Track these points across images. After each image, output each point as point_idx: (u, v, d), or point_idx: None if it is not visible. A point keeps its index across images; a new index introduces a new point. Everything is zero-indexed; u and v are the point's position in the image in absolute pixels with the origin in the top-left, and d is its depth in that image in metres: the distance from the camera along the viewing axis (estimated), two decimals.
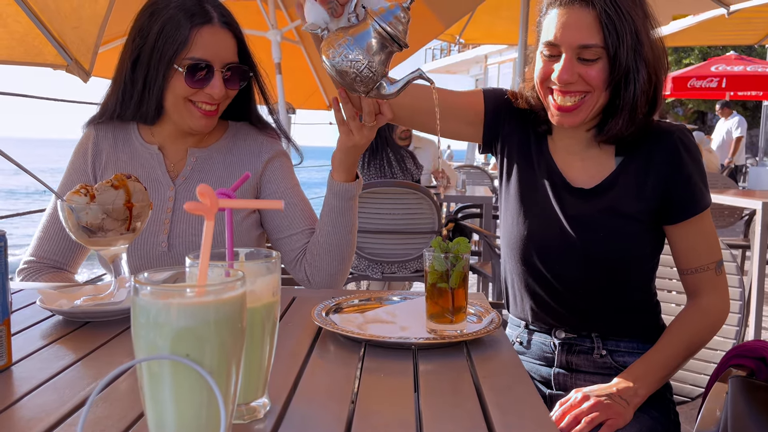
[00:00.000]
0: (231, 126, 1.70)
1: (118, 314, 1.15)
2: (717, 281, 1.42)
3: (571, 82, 1.32)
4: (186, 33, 1.46)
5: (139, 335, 0.61)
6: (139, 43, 1.50)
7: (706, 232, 1.42)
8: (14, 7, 2.27)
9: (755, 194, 4.54)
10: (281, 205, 0.66)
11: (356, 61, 1.02)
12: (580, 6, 1.29)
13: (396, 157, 3.90)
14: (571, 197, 1.45)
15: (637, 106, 1.33)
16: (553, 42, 1.33)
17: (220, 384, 0.61)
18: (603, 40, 1.28)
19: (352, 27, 1.04)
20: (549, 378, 1.52)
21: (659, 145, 1.40)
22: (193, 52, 1.47)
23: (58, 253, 1.58)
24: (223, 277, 0.70)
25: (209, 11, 1.50)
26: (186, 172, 1.61)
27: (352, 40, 1.02)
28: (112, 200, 1.13)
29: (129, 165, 1.61)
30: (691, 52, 19.11)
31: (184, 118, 1.53)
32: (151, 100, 1.52)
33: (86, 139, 1.65)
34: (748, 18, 6.63)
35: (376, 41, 1.02)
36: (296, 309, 1.29)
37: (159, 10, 1.49)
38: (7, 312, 0.93)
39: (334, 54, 1.03)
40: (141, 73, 1.50)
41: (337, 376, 0.93)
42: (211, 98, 1.51)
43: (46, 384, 0.87)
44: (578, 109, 1.35)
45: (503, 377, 0.94)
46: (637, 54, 1.30)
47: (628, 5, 1.29)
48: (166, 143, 1.63)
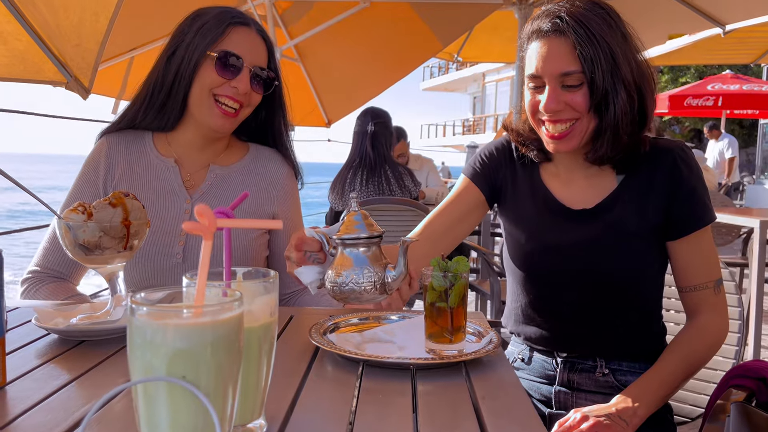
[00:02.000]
0: (252, 148, 1.75)
1: (114, 333, 1.14)
2: (716, 300, 1.42)
3: (558, 110, 1.35)
4: (223, 27, 1.55)
5: (135, 356, 0.60)
6: (177, 41, 1.58)
7: (707, 250, 1.42)
8: (15, 25, 2.28)
9: (753, 212, 4.55)
10: (280, 225, 0.66)
11: (357, 283, 1.12)
12: (555, 36, 1.33)
13: (394, 174, 3.91)
14: (572, 221, 1.47)
15: (620, 126, 1.35)
16: (535, 74, 1.37)
17: (217, 406, 0.60)
18: (581, 66, 1.31)
19: (335, 262, 1.15)
20: (549, 396, 1.52)
21: (660, 163, 1.41)
22: (227, 45, 1.55)
23: (61, 264, 1.58)
24: (220, 297, 0.69)
25: (247, 19, 1.61)
26: (205, 187, 1.64)
27: (340, 270, 1.13)
28: (109, 218, 1.13)
29: (144, 177, 1.62)
30: (687, 71, 19.25)
31: (205, 115, 1.57)
32: (178, 96, 1.57)
33: (98, 151, 1.66)
34: (743, 38, 6.68)
35: (357, 253, 1.13)
36: (294, 328, 1.28)
37: (202, 15, 1.59)
38: (2, 331, 0.92)
39: (338, 292, 1.14)
40: (174, 65, 1.56)
41: (335, 397, 0.92)
42: (236, 93, 1.55)
43: (40, 404, 0.86)
44: (570, 135, 1.38)
45: (502, 398, 0.94)
46: (615, 76, 1.32)
47: (602, 30, 1.32)
48: (183, 155, 1.66)
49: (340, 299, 1.15)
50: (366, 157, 3.86)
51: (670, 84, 19.00)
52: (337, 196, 3.89)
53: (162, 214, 1.59)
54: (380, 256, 1.14)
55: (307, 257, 1.18)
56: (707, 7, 5.27)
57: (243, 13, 1.62)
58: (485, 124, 34.37)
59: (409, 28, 5.10)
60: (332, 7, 4.84)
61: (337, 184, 3.91)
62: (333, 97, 5.89)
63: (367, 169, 3.83)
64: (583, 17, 1.32)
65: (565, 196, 1.50)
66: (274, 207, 1.71)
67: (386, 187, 3.82)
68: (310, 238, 1.17)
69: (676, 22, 5.64)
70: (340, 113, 6.07)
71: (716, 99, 10.82)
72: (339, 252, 1.14)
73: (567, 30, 1.32)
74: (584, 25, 1.31)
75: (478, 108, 37.49)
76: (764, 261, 3.80)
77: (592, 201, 1.46)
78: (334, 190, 3.91)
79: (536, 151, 1.53)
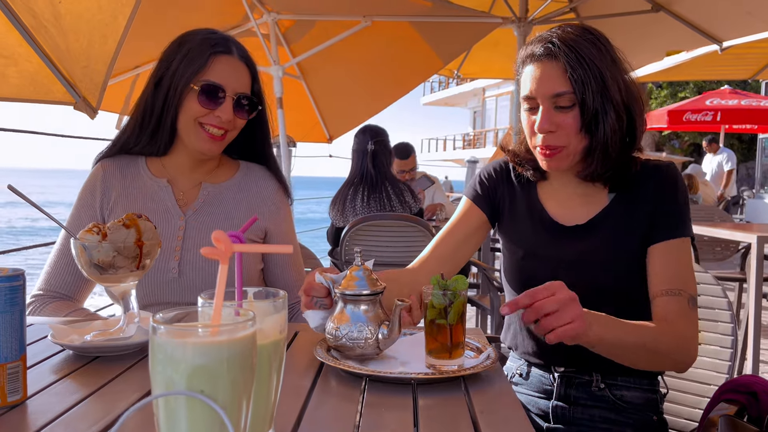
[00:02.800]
0: (242, 166, 1.81)
1: (127, 349, 1.19)
2: (689, 312, 1.39)
3: (550, 130, 1.42)
4: (205, 58, 1.60)
5: (156, 371, 0.65)
6: (163, 67, 1.63)
7: (684, 263, 1.44)
8: (26, 47, 2.34)
9: (753, 228, 4.59)
10: (291, 249, 0.71)
11: (350, 338, 1.15)
12: (548, 60, 1.41)
13: (395, 191, 3.97)
14: (565, 237, 1.52)
15: (609, 144, 1.42)
16: (529, 95, 1.45)
17: (232, 418, 0.65)
18: (572, 87, 1.38)
19: (334, 313, 1.19)
20: (547, 411, 1.55)
21: (649, 180, 1.49)
22: (209, 76, 1.59)
23: (65, 287, 1.63)
24: (233, 316, 0.74)
25: (230, 45, 1.64)
26: (197, 204, 1.70)
27: (337, 323, 1.17)
28: (123, 239, 1.18)
29: (139, 198, 1.68)
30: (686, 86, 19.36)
31: (192, 140, 1.63)
32: (167, 123, 1.63)
33: (94, 176, 1.72)
34: (740, 54, 6.75)
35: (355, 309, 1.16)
36: (299, 344, 1.33)
37: (187, 40, 1.64)
38: (24, 348, 0.97)
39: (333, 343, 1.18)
40: (161, 94, 1.62)
41: (339, 410, 0.97)
42: (219, 121, 1.61)
43: (60, 418, 0.90)
44: (561, 154, 1.45)
45: (500, 411, 0.98)
46: (604, 97, 1.39)
47: (591, 54, 1.39)
48: (176, 175, 1.73)
49: (334, 348, 1.19)
50: (367, 174, 3.92)
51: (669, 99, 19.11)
52: (338, 213, 3.95)
53: None
54: (379, 312, 1.17)
55: (314, 302, 1.23)
56: (704, 24, 5.35)
57: (226, 38, 1.67)
58: (485, 138, 34.51)
59: (409, 47, 5.17)
60: (334, 26, 4.91)
61: (338, 201, 3.96)
62: (334, 113, 5.95)
63: (368, 186, 3.89)
64: (574, 42, 1.40)
65: (560, 213, 1.56)
66: (266, 222, 1.77)
67: (387, 203, 3.88)
68: (318, 284, 1.22)
69: (673, 38, 5.71)
70: (341, 129, 6.13)
71: (715, 114, 10.90)
72: (338, 305, 1.18)
73: (558, 54, 1.39)
74: (574, 50, 1.39)
75: (478, 122, 37.66)
76: (762, 276, 3.83)
77: (585, 217, 1.52)
78: (335, 206, 3.97)
79: (532, 171, 1.59)
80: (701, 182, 8.89)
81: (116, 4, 2.29)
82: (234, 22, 4.85)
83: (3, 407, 0.93)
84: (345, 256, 3.58)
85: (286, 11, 4.87)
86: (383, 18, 4.83)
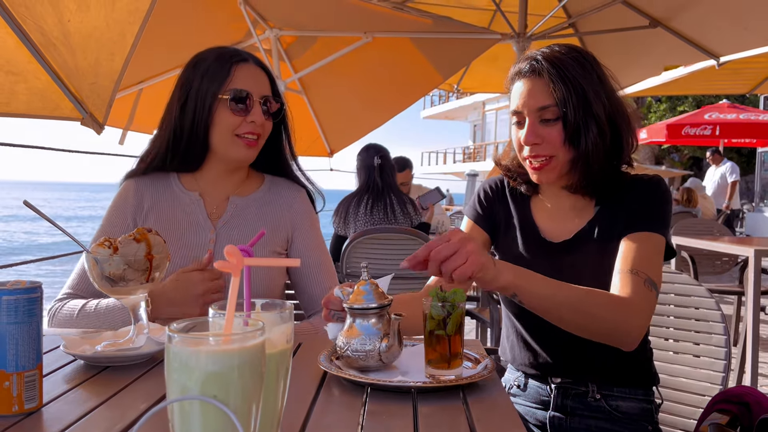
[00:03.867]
0: (267, 179, 1.86)
1: (138, 359, 1.23)
2: (642, 288, 1.39)
3: (536, 142, 1.48)
4: (228, 68, 1.66)
5: (171, 378, 0.69)
6: (185, 89, 1.68)
7: (650, 252, 1.45)
8: (35, 64, 2.40)
9: (752, 242, 4.63)
10: (298, 263, 0.76)
11: (354, 351, 1.19)
12: (533, 76, 1.48)
13: (399, 201, 4.09)
14: (554, 252, 1.57)
15: (590, 157, 1.47)
16: (516, 110, 1.52)
17: (243, 422, 0.69)
18: (554, 101, 1.45)
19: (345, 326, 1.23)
20: (544, 421, 1.59)
21: (633, 191, 1.54)
22: (234, 84, 1.65)
23: (91, 294, 1.64)
24: (243, 326, 0.78)
25: (245, 55, 1.72)
26: (226, 217, 1.74)
27: (346, 337, 1.21)
28: (134, 252, 1.22)
29: (170, 211, 1.73)
30: (685, 100, 19.45)
31: (230, 151, 1.68)
32: (199, 140, 1.67)
33: (125, 191, 1.76)
34: (738, 69, 6.80)
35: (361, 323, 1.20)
36: (303, 355, 1.37)
37: (201, 60, 1.69)
38: (40, 358, 1.01)
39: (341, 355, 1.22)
40: (190, 113, 1.66)
41: (342, 418, 1.01)
42: (254, 126, 1.66)
43: (75, 424, 0.94)
44: (549, 167, 1.51)
45: (496, 419, 1.02)
46: (586, 112, 1.45)
47: (574, 71, 1.46)
48: (207, 189, 1.77)
49: (344, 361, 1.23)
50: (374, 185, 4.07)
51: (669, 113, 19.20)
52: (341, 220, 4.04)
53: (189, 245, 1.69)
54: (384, 326, 1.21)
55: (331, 315, 1.29)
56: (701, 40, 5.41)
57: (240, 50, 1.74)
58: (485, 151, 34.59)
59: (409, 62, 5.23)
60: (335, 42, 4.97)
61: (341, 209, 4.07)
62: (335, 128, 6.01)
63: (373, 195, 4.02)
64: (557, 60, 1.47)
65: (550, 227, 1.61)
66: (288, 233, 1.80)
67: (390, 213, 3.99)
68: (336, 298, 1.27)
69: (671, 54, 5.77)
70: (342, 143, 6.19)
71: (714, 128, 10.96)
72: (348, 319, 1.23)
73: (542, 70, 1.47)
74: (557, 66, 1.46)
75: (478, 136, 37.76)
76: (759, 289, 3.87)
77: (573, 231, 1.57)
78: (338, 214, 4.07)
79: (525, 185, 1.65)
80: (700, 196, 8.93)
81: (124, 22, 2.34)
82: (237, 38, 4.92)
83: (20, 414, 0.97)
84: (346, 269, 3.62)
85: (288, 27, 4.94)
86: (384, 34, 4.90)
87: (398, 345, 1.20)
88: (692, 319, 1.76)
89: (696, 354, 1.74)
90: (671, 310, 1.81)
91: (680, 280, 1.80)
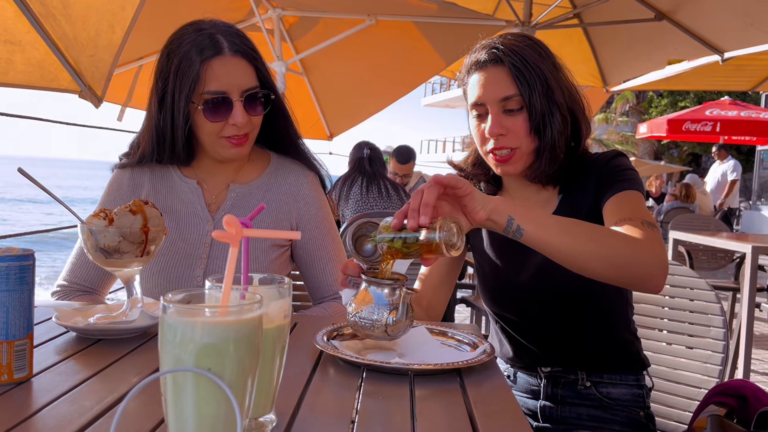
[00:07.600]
0: (273, 160, 1.74)
1: (130, 333, 1.21)
2: (644, 228, 1.30)
3: (501, 134, 1.43)
4: (197, 68, 1.48)
5: (165, 350, 0.67)
6: (161, 86, 1.54)
7: (637, 204, 1.40)
8: (33, 34, 2.36)
9: (748, 238, 4.62)
10: (299, 236, 0.73)
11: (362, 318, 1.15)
12: (493, 65, 1.44)
13: (392, 185, 4.22)
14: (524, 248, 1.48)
15: (556, 145, 1.44)
16: (477, 102, 1.46)
17: (238, 396, 0.67)
18: (518, 89, 1.41)
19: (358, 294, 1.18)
20: (535, 410, 1.58)
21: (591, 171, 1.50)
22: (208, 86, 1.49)
23: (88, 279, 1.63)
24: (239, 299, 0.76)
25: (219, 42, 1.51)
26: (226, 207, 1.64)
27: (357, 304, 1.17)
28: (129, 224, 1.20)
29: (168, 199, 1.65)
30: (686, 96, 19.43)
31: (218, 151, 1.59)
32: (179, 141, 1.56)
33: (118, 179, 1.69)
34: (741, 65, 6.78)
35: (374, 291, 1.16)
36: (298, 334, 1.35)
37: (174, 50, 1.53)
38: (31, 326, 0.99)
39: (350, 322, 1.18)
40: (168, 115, 1.53)
41: (338, 397, 0.99)
42: (236, 129, 1.53)
43: (65, 395, 0.92)
44: (513, 158, 1.46)
45: (493, 403, 1.00)
46: (549, 99, 1.42)
47: (534, 59, 1.43)
48: (205, 177, 1.68)
49: (351, 327, 1.21)
50: (363, 170, 4.24)
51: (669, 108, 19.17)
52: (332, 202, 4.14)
53: (185, 236, 1.61)
54: (396, 300, 1.16)
55: (348, 281, 1.24)
56: (706, 34, 5.37)
57: (212, 35, 1.52)
58: None
59: (413, 47, 5.19)
60: (338, 24, 4.93)
61: (334, 189, 4.15)
62: (336, 111, 5.98)
63: (366, 177, 4.14)
64: (516, 47, 1.43)
65: None
66: (293, 219, 1.69)
67: (385, 193, 4.07)
68: (354, 264, 1.22)
69: (675, 47, 5.73)
70: (342, 127, 6.16)
71: (714, 124, 10.93)
72: (362, 285, 1.18)
73: (504, 58, 1.42)
74: (518, 54, 1.42)
75: None
76: (755, 285, 3.87)
77: None
78: (332, 194, 4.17)
79: (485, 184, 1.62)
80: (699, 191, 8.94)
81: None
82: (239, 17, 4.86)
83: (9, 383, 0.96)
84: None
85: (291, 7, 4.89)
86: (388, 17, 4.86)
87: (406, 320, 1.17)
88: (691, 311, 1.75)
89: (693, 346, 1.73)
90: (669, 302, 1.80)
91: (680, 272, 1.78)
